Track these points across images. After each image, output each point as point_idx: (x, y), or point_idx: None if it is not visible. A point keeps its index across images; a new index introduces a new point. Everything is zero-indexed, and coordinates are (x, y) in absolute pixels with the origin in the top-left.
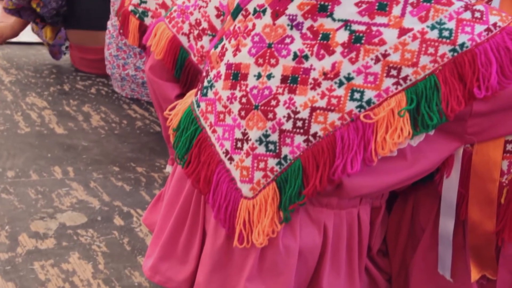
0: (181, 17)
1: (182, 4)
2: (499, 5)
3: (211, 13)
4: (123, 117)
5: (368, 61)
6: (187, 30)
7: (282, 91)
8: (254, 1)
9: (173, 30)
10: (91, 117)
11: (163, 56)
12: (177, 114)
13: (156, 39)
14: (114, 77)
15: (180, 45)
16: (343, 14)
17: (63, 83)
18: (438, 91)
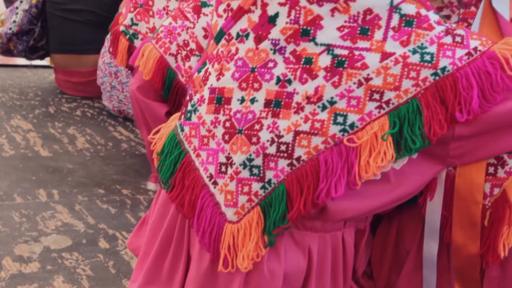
0: (168, 38)
1: (169, 25)
2: (478, 29)
3: (198, 34)
4: (109, 139)
5: (351, 85)
6: (175, 51)
7: (266, 115)
8: (237, 26)
9: (161, 50)
10: (76, 139)
11: (152, 76)
12: (161, 138)
13: (144, 59)
14: (104, 86)
15: (167, 66)
16: (325, 38)
17: (48, 106)
18: (421, 115)
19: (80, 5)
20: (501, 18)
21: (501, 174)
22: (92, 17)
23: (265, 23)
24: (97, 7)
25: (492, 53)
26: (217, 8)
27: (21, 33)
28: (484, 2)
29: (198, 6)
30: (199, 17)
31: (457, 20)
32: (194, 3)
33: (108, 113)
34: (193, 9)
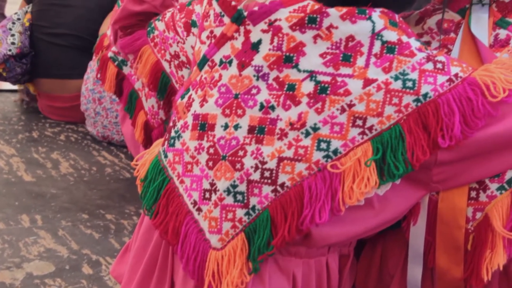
0: (163, 45)
1: (163, 32)
2: (458, 55)
3: (188, 50)
4: (93, 163)
5: (334, 111)
6: (169, 58)
7: (249, 142)
8: (220, 52)
9: (158, 55)
10: (60, 164)
11: (147, 80)
12: (144, 164)
13: (142, 64)
14: (88, 113)
15: (162, 70)
16: (308, 65)
17: (31, 130)
18: (403, 141)
19: (65, 29)
20: (480, 44)
21: (483, 198)
22: (77, 41)
23: (248, 49)
24: (81, 31)
25: (473, 80)
26: (200, 34)
27: (20, 55)
28: (463, 28)
29: (188, 23)
30: (188, 35)
31: (437, 46)
32: (185, 18)
33: (92, 137)
34: (184, 25)
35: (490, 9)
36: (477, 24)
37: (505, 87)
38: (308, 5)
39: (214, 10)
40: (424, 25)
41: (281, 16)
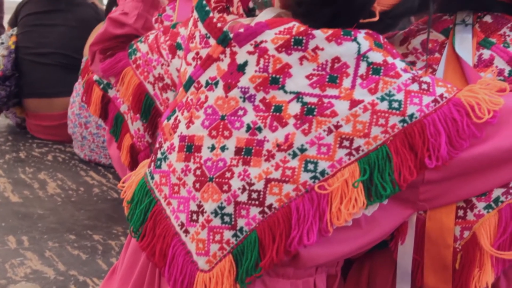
0: (146, 67)
1: (146, 54)
2: (443, 75)
3: (173, 72)
4: (80, 184)
5: (320, 132)
6: (152, 80)
7: (237, 163)
8: (206, 74)
9: (141, 77)
10: (47, 184)
11: (130, 102)
12: (130, 186)
13: (124, 87)
14: (75, 136)
15: (145, 92)
16: (294, 86)
17: (19, 151)
18: (390, 161)
19: (50, 48)
20: (465, 64)
21: (470, 217)
22: (62, 60)
23: (234, 71)
24: (66, 49)
25: (457, 100)
26: (186, 56)
27: (3, 78)
28: (448, 48)
29: (173, 46)
30: (173, 57)
31: (423, 66)
32: (170, 41)
33: (79, 157)
34: (169, 48)
35: (473, 30)
36: (461, 44)
37: (490, 108)
38: (294, 26)
39: (200, 32)
40: (408, 45)
41: (267, 37)
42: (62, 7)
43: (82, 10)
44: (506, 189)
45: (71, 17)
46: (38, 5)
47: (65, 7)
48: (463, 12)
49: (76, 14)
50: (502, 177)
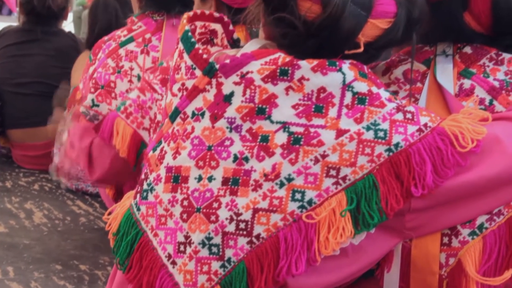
0: (139, 112)
1: (137, 99)
2: (425, 104)
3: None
4: (67, 213)
5: (307, 162)
6: (148, 125)
7: (224, 193)
8: (192, 105)
9: (133, 125)
10: (34, 214)
11: (127, 153)
12: (116, 218)
13: (120, 137)
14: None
15: (141, 140)
16: (281, 116)
17: (5, 180)
18: (377, 190)
19: (28, 78)
20: (447, 93)
21: (455, 244)
22: (43, 88)
23: (221, 102)
24: (46, 77)
25: (441, 129)
26: (172, 87)
27: None
28: (429, 77)
29: (166, 79)
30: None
31: (405, 96)
32: (161, 75)
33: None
34: (161, 82)
35: (454, 60)
36: (443, 74)
37: (473, 137)
38: (280, 57)
39: (186, 63)
40: (391, 75)
41: (253, 68)
42: (39, 36)
43: (59, 39)
44: (490, 215)
45: (48, 46)
46: (15, 36)
47: (42, 37)
48: (443, 43)
49: (53, 43)
50: (486, 205)
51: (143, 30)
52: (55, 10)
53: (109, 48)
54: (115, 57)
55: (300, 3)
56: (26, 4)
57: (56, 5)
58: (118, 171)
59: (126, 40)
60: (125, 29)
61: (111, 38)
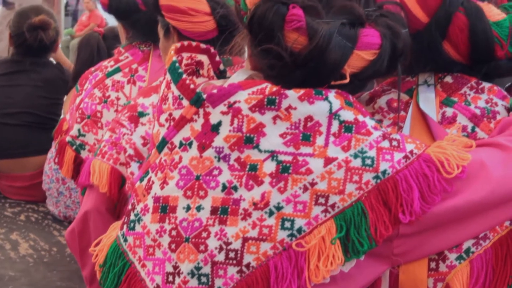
0: (114, 149)
1: (110, 138)
2: (409, 132)
3: (136, 141)
4: (53, 244)
5: (296, 190)
6: (124, 160)
7: (213, 223)
8: (179, 135)
9: (109, 162)
10: (19, 245)
11: (108, 188)
12: (102, 249)
13: (97, 174)
14: (50, 192)
15: (120, 175)
16: (269, 145)
17: None
18: (366, 217)
19: (17, 108)
20: (431, 120)
21: (443, 268)
22: (30, 119)
23: (208, 131)
24: (34, 108)
25: (427, 156)
26: (159, 118)
27: None
28: (413, 106)
29: (134, 116)
30: (136, 126)
31: (389, 124)
32: (129, 113)
33: (53, 217)
34: (129, 119)
35: (435, 89)
36: (425, 102)
37: (458, 163)
38: (267, 87)
39: (173, 93)
40: (374, 105)
41: (240, 98)
42: (26, 67)
43: (47, 70)
44: (476, 240)
45: (36, 77)
46: (4, 67)
47: (29, 68)
48: (424, 74)
49: (41, 74)
50: (473, 230)
51: (130, 60)
52: (46, 43)
53: (96, 78)
54: (102, 87)
55: (287, 34)
56: (17, 36)
57: (48, 38)
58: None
59: (112, 71)
60: (112, 60)
61: (98, 69)
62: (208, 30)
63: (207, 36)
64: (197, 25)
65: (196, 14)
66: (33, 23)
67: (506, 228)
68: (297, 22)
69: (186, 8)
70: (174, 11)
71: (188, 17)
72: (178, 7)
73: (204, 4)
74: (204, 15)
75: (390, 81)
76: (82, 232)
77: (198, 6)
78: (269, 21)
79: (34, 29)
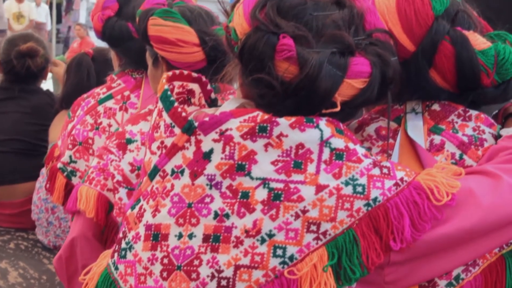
0: (102, 175)
1: (98, 164)
2: (398, 159)
3: (125, 168)
4: (43, 272)
5: (288, 217)
6: (112, 186)
7: (205, 250)
8: (171, 162)
9: (97, 188)
10: (8, 273)
11: (95, 213)
12: (92, 278)
13: (84, 199)
14: (39, 222)
15: (108, 201)
16: (260, 172)
17: None
18: (358, 245)
19: (5, 135)
20: (419, 147)
21: None
22: (19, 146)
23: (200, 159)
24: (23, 135)
25: (417, 184)
26: (151, 146)
27: None
28: (401, 133)
29: (122, 143)
30: (124, 153)
31: (378, 152)
32: (118, 140)
33: (43, 245)
34: (117, 146)
35: (423, 117)
36: (414, 130)
37: (448, 191)
38: (258, 115)
39: (165, 121)
40: (363, 133)
41: (232, 125)
42: (15, 94)
43: (36, 97)
44: (466, 266)
45: (25, 104)
46: None
47: (18, 95)
48: (412, 101)
49: (30, 101)
50: (464, 257)
51: (122, 87)
52: (34, 70)
53: (88, 105)
54: (94, 114)
55: (278, 64)
56: (6, 64)
57: (35, 66)
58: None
59: (105, 98)
60: (104, 87)
61: (90, 96)
62: (197, 61)
63: (196, 66)
64: (186, 56)
65: (185, 45)
66: (21, 50)
67: (495, 255)
68: (288, 51)
69: (175, 39)
70: (163, 42)
71: (177, 48)
72: (167, 38)
73: (193, 35)
74: (193, 46)
75: (379, 109)
76: (69, 259)
77: (187, 37)
78: (259, 50)
79: (21, 56)
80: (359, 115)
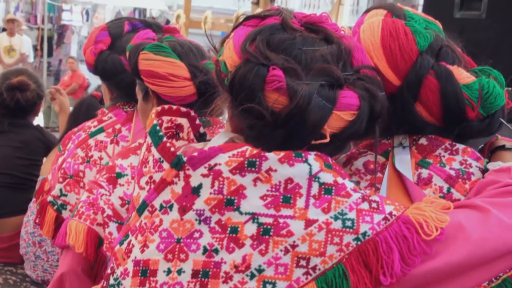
0: (91, 210)
1: (87, 199)
2: (386, 193)
3: (115, 202)
4: None
5: (277, 252)
6: (101, 220)
7: (194, 286)
8: (160, 197)
9: (86, 223)
10: None
11: (85, 248)
12: None
13: (73, 234)
14: (27, 256)
15: (97, 235)
16: (249, 207)
17: None
18: (347, 280)
19: None
20: (407, 181)
21: None
22: (9, 180)
23: (189, 194)
24: (11, 169)
25: (406, 218)
26: (139, 180)
27: None
28: (389, 167)
29: (112, 177)
30: (115, 187)
31: (367, 185)
32: (108, 174)
33: (31, 279)
34: (107, 180)
35: (411, 151)
36: (401, 164)
37: (437, 225)
38: (247, 150)
39: (153, 156)
40: (351, 167)
41: (221, 160)
42: (5, 128)
43: (26, 131)
44: None
45: (14, 138)
46: None
47: (8, 129)
48: (399, 136)
49: (19, 135)
50: None
51: (113, 120)
52: (23, 104)
53: (79, 138)
54: (85, 147)
55: (268, 94)
56: None
57: (25, 99)
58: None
59: (96, 131)
60: (95, 120)
61: (81, 129)
62: (188, 95)
63: (186, 100)
64: (176, 90)
65: (176, 79)
66: (11, 83)
67: None
68: (278, 82)
69: (166, 73)
70: (154, 76)
71: (168, 82)
72: (157, 73)
73: (183, 70)
74: (184, 80)
75: (366, 143)
76: None
77: (178, 71)
78: (250, 81)
79: (11, 90)
80: (347, 150)
